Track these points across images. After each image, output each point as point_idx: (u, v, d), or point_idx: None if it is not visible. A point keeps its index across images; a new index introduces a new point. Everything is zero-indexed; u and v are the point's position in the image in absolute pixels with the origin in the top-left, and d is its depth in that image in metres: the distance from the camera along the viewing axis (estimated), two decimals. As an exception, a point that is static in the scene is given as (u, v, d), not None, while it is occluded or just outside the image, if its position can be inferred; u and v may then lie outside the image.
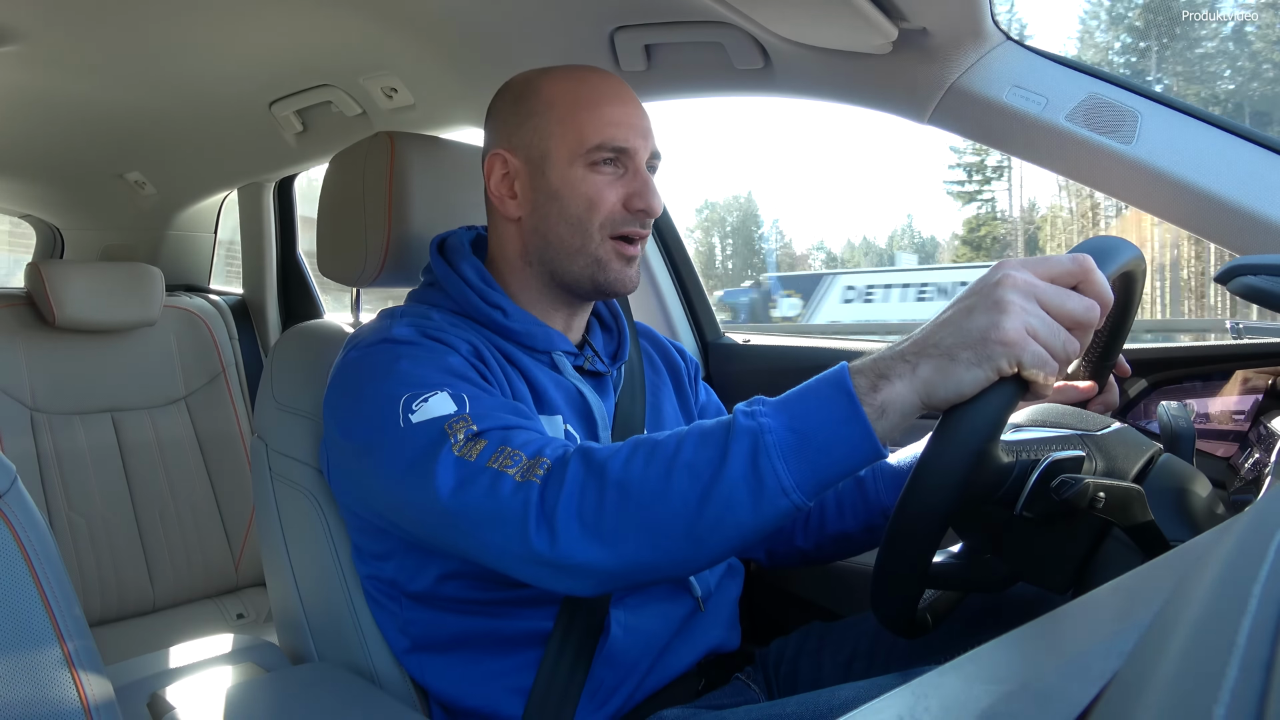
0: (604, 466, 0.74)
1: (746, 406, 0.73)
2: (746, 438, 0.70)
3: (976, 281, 0.69)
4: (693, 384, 1.24)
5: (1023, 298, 0.66)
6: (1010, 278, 0.67)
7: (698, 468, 0.71)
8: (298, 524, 1.11)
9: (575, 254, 0.99)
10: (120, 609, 2.03)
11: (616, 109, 0.98)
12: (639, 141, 0.99)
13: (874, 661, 1.07)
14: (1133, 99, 1.08)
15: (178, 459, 2.19)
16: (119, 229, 2.65)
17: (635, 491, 0.72)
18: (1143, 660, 0.27)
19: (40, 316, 2.07)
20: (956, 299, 0.70)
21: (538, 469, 0.76)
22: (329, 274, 1.23)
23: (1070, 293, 0.67)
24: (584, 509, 0.73)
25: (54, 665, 0.68)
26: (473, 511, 0.77)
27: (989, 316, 0.65)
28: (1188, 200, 1.03)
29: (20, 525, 0.70)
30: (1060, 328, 0.66)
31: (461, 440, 0.80)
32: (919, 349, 0.68)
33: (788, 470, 0.69)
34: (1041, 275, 0.67)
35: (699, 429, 0.74)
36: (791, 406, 0.71)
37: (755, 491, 0.69)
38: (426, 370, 0.88)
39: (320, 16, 1.47)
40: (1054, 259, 0.69)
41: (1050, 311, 0.66)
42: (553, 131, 0.99)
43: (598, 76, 1.02)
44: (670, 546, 0.72)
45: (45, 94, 1.87)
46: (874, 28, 1.07)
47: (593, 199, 0.98)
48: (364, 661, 1.04)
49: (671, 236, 1.90)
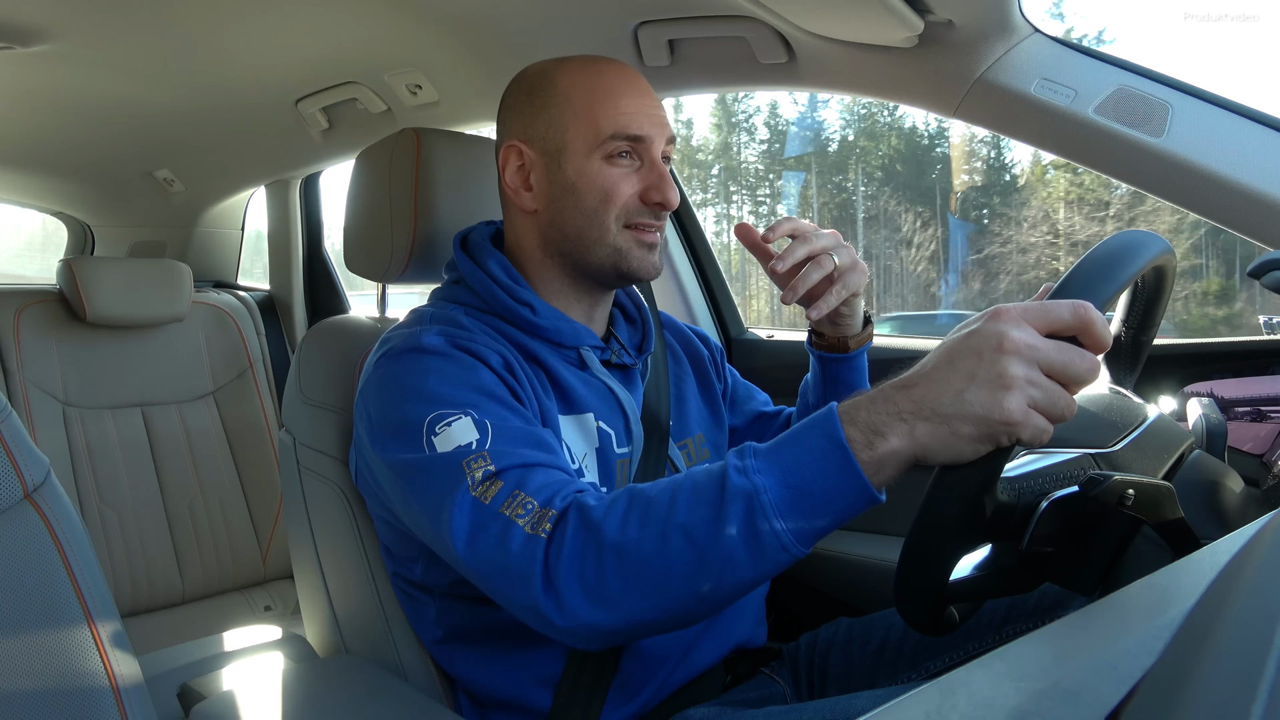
0: (600, 529, 0.73)
1: (738, 460, 0.71)
2: (741, 499, 0.69)
3: (974, 334, 0.65)
4: (718, 370, 1.24)
5: (1025, 367, 0.63)
6: (1011, 341, 0.63)
7: (694, 530, 0.70)
8: (325, 517, 1.12)
9: (594, 245, 0.99)
10: (150, 600, 2.06)
11: (632, 99, 0.98)
12: (654, 130, 0.99)
13: (903, 653, 1.07)
14: (1164, 90, 1.06)
15: (206, 453, 2.21)
16: (148, 226, 2.69)
17: (633, 556, 0.72)
18: (1177, 660, 0.27)
19: (72, 313, 2.10)
20: (953, 345, 0.67)
21: (545, 523, 0.76)
22: (356, 269, 1.24)
23: (1072, 351, 0.64)
24: (585, 574, 0.73)
25: (87, 655, 0.69)
26: (485, 564, 0.78)
27: (991, 394, 0.63)
28: (1219, 194, 1.01)
29: (54, 517, 0.71)
30: (1061, 391, 0.64)
31: (479, 479, 0.80)
32: (916, 408, 0.66)
33: (785, 527, 0.68)
34: (1042, 329, 0.64)
35: (691, 483, 0.73)
36: (784, 460, 0.70)
37: (754, 550, 0.69)
38: (454, 388, 0.88)
39: (346, 15, 1.47)
40: (1054, 309, 0.64)
41: (1053, 374, 0.64)
42: (568, 124, 0.98)
43: (613, 68, 1.01)
44: (672, 606, 0.73)
45: (76, 93, 1.89)
46: (900, 21, 1.06)
47: (608, 191, 0.98)
48: (390, 654, 1.05)
49: (694, 230, 1.90)
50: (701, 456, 1.12)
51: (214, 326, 2.32)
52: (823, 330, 1.12)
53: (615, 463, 1.01)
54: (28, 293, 2.11)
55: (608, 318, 1.10)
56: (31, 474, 0.71)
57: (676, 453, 1.07)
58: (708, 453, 1.14)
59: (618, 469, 1.01)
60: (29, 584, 0.68)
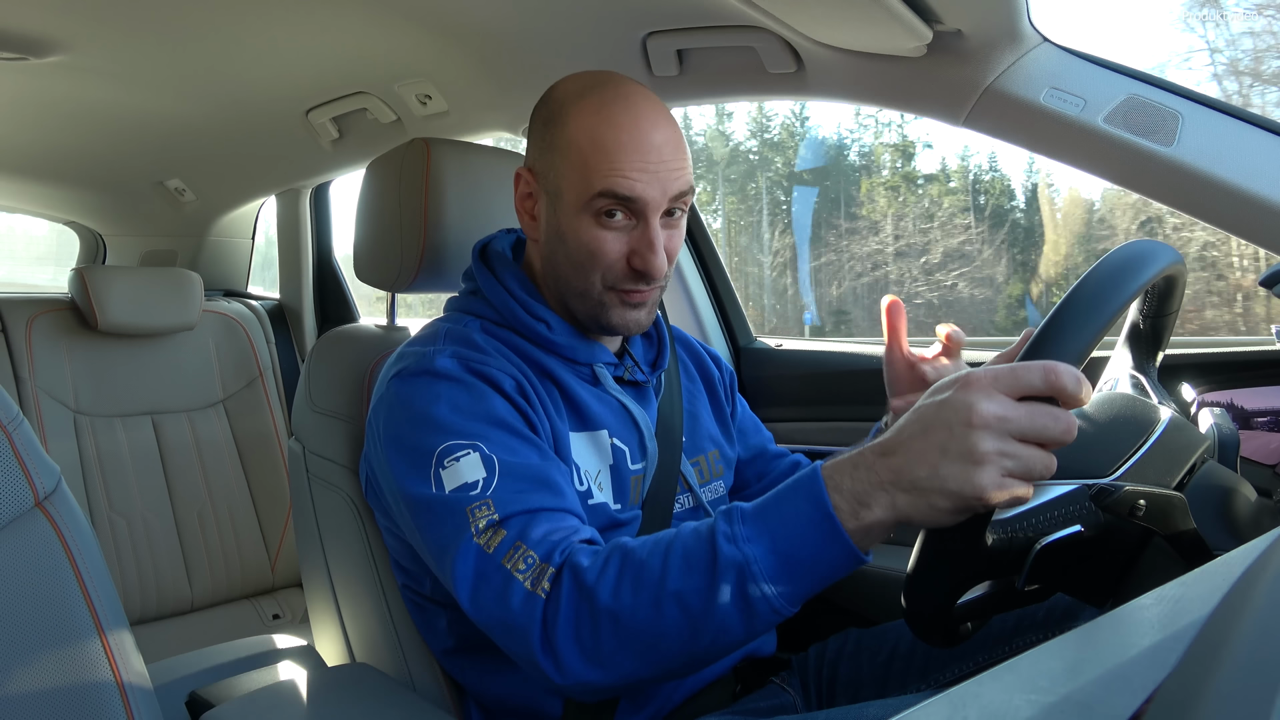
0: (594, 594, 0.75)
1: (726, 526, 0.73)
2: (733, 570, 0.71)
3: (946, 405, 0.65)
4: (728, 395, 1.23)
5: (996, 440, 0.63)
6: (980, 416, 0.63)
7: (686, 599, 0.72)
8: (334, 525, 1.12)
9: (579, 296, 0.98)
10: (159, 608, 2.06)
11: (632, 156, 0.91)
12: (654, 193, 0.92)
13: (912, 664, 1.06)
14: (1174, 99, 1.06)
15: (216, 461, 2.22)
16: (159, 235, 2.70)
17: (628, 622, 0.74)
18: (1191, 672, 0.26)
19: (83, 321, 2.12)
20: (926, 415, 0.67)
21: (544, 581, 0.77)
22: (365, 279, 1.24)
23: (1046, 415, 0.63)
24: (581, 636, 0.75)
25: (96, 662, 0.69)
26: (486, 616, 0.81)
27: (964, 470, 0.63)
28: (1230, 203, 1.01)
29: (65, 525, 0.71)
30: (1038, 454, 0.64)
31: (482, 527, 0.81)
32: (895, 479, 0.67)
33: (776, 593, 0.70)
34: (1014, 394, 0.64)
35: (683, 549, 0.74)
36: (772, 526, 0.71)
37: (746, 616, 0.71)
38: (464, 418, 0.88)
39: (356, 25, 1.48)
40: (1024, 375, 0.64)
41: (1028, 440, 0.64)
42: (566, 172, 0.94)
43: (626, 117, 0.93)
44: (667, 665, 0.75)
45: (89, 103, 1.91)
46: (908, 30, 1.06)
47: (593, 252, 0.94)
48: (399, 663, 1.05)
49: (703, 240, 1.90)
50: (715, 473, 1.12)
51: (224, 335, 2.33)
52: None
53: (630, 479, 1.00)
54: (39, 301, 2.12)
55: (622, 337, 1.09)
56: (43, 482, 0.71)
57: (689, 469, 1.07)
58: (721, 469, 1.13)
59: (632, 485, 1.00)
60: (39, 591, 0.68)
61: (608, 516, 0.97)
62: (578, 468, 0.96)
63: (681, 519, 1.03)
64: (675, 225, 0.97)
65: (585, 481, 0.97)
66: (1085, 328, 0.67)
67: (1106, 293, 0.69)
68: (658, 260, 0.93)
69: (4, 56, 1.57)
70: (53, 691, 0.66)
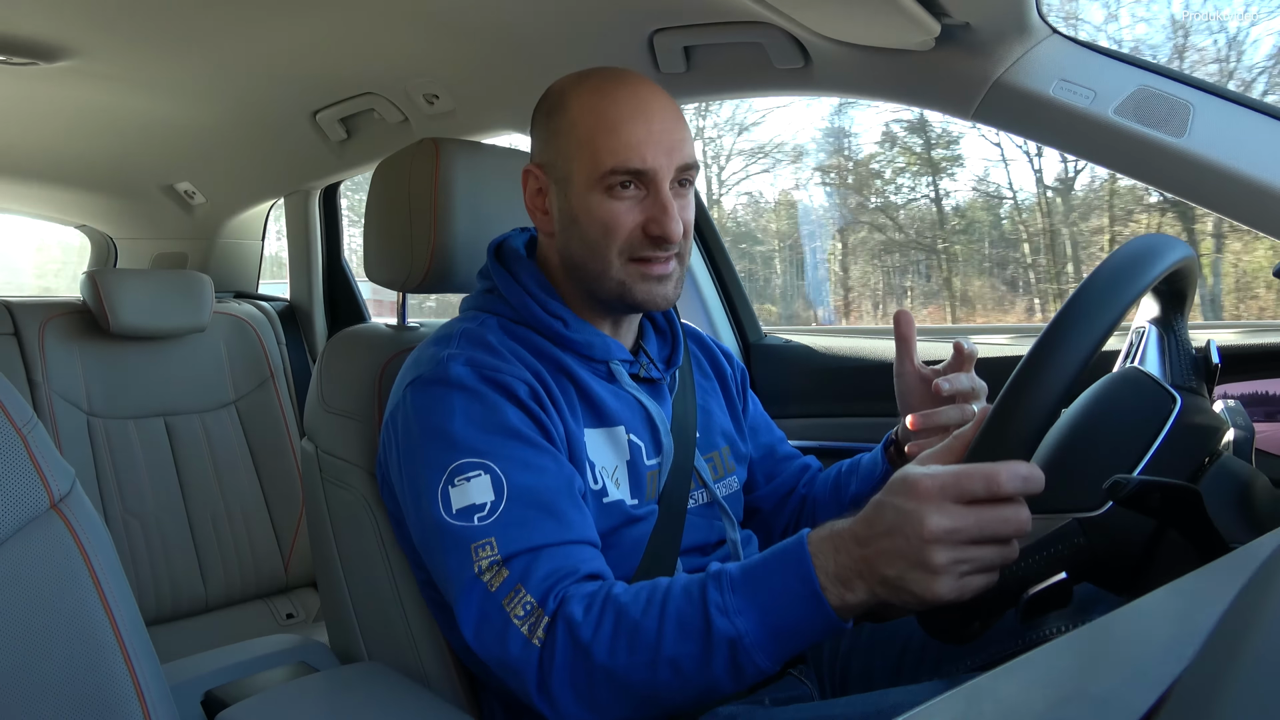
0: (589, 651, 0.78)
1: (718, 595, 0.76)
2: (726, 644, 0.75)
3: (899, 513, 0.70)
4: (740, 392, 1.24)
5: (950, 551, 0.67)
6: (930, 531, 0.67)
7: (681, 664, 0.77)
8: (348, 524, 1.12)
9: (599, 277, 0.98)
10: (174, 609, 2.07)
11: (638, 128, 0.94)
12: (661, 160, 0.94)
13: (924, 658, 1.06)
14: (1184, 90, 1.05)
15: (228, 462, 2.23)
16: (170, 238, 2.71)
17: (623, 679, 0.78)
18: (1208, 666, 0.26)
19: (96, 324, 2.13)
20: (885, 518, 0.71)
21: (539, 630, 0.81)
22: (376, 279, 1.25)
23: (995, 517, 0.67)
24: (577, 684, 0.79)
25: (112, 662, 0.70)
26: (487, 653, 0.84)
27: (922, 578, 0.68)
28: (1242, 193, 1.00)
29: (80, 527, 0.72)
30: (995, 551, 0.68)
31: (485, 566, 0.84)
32: (870, 571, 0.72)
33: (765, 658, 0.76)
34: (964, 501, 0.67)
35: (677, 613, 0.77)
36: (763, 601, 0.75)
37: (736, 677, 0.77)
38: (478, 433, 0.89)
39: (363, 26, 1.49)
40: (966, 485, 0.67)
41: (984, 540, 0.68)
42: (574, 154, 0.96)
43: (625, 91, 0.97)
44: (660, 713, 0.81)
45: (99, 107, 1.92)
46: (916, 24, 1.06)
47: (608, 225, 0.95)
48: (414, 661, 1.05)
49: (712, 236, 1.90)
50: (727, 469, 1.12)
51: (235, 336, 2.33)
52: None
53: (646, 474, 1.01)
54: (52, 305, 2.13)
55: (636, 331, 1.10)
56: (58, 484, 0.72)
57: (703, 465, 1.07)
58: (733, 465, 1.14)
59: (648, 480, 1.01)
60: (56, 593, 0.69)
61: (623, 514, 0.97)
62: (593, 465, 0.97)
63: (695, 514, 1.04)
64: (685, 197, 0.99)
65: (600, 480, 0.97)
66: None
67: (1166, 244, 0.71)
68: (673, 224, 0.95)
69: (15, 61, 1.58)
70: (70, 692, 0.67)
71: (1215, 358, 0.84)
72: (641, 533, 0.98)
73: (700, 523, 1.04)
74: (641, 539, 0.98)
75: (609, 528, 0.96)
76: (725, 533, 1.07)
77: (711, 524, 1.06)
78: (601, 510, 0.96)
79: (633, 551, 0.97)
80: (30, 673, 0.65)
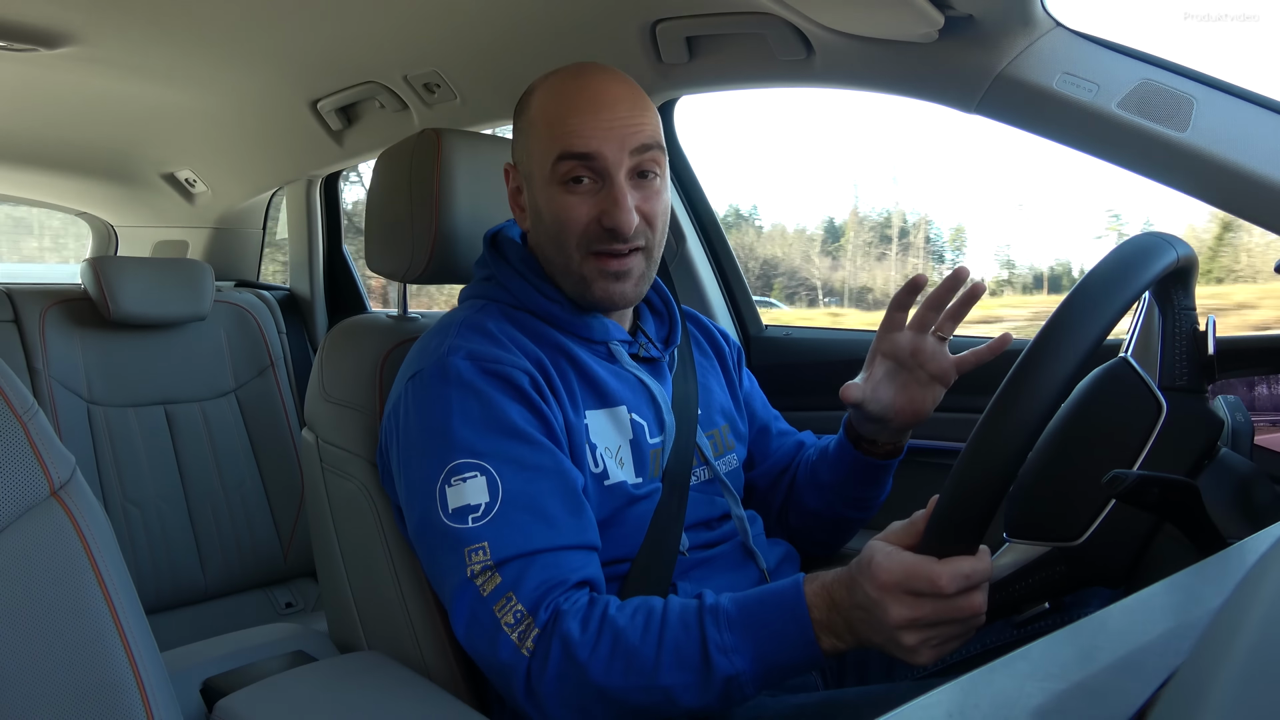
0: (585, 670, 0.81)
1: (716, 633, 0.80)
2: (722, 682, 0.79)
3: (867, 599, 0.75)
4: (736, 369, 1.25)
5: (915, 632, 0.73)
6: (894, 619, 0.73)
7: (675, 692, 0.80)
8: (347, 514, 1.13)
9: (563, 273, 1.00)
10: (174, 597, 2.08)
11: (585, 115, 0.93)
12: (607, 146, 0.92)
13: None
14: (1187, 84, 1.05)
15: (228, 450, 2.23)
16: (171, 225, 2.71)
17: (618, 700, 0.81)
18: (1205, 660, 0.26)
19: (96, 312, 2.13)
20: (857, 593, 0.76)
21: (528, 640, 0.83)
22: (377, 269, 1.25)
23: (950, 603, 0.71)
24: (567, 697, 0.82)
25: (112, 650, 0.70)
26: (478, 655, 0.88)
27: (898, 648, 0.75)
28: (1245, 188, 1.00)
29: (80, 514, 0.72)
30: (959, 625, 0.73)
31: (477, 570, 0.86)
32: (855, 634, 0.78)
33: (756, 689, 0.81)
34: (924, 591, 0.71)
35: (674, 644, 0.81)
36: (760, 642, 0.80)
37: (725, 704, 0.82)
38: (476, 433, 0.89)
39: (364, 15, 1.48)
40: (918, 581, 0.71)
41: (951, 620, 0.73)
42: (533, 149, 0.97)
43: (578, 83, 0.96)
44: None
45: (100, 95, 1.91)
46: (920, 16, 1.06)
47: (562, 218, 0.95)
48: (413, 650, 1.06)
49: (713, 228, 1.89)
50: (727, 446, 1.13)
51: (235, 325, 2.34)
52: (877, 437, 1.10)
53: (649, 453, 1.02)
54: (53, 292, 2.13)
55: (633, 313, 1.11)
56: (58, 471, 0.72)
57: (705, 441, 1.09)
58: (733, 443, 1.15)
59: (651, 458, 1.02)
60: (56, 580, 0.69)
61: (625, 495, 0.98)
62: (595, 447, 0.97)
63: (697, 490, 1.05)
64: (650, 187, 0.97)
65: (602, 462, 0.98)
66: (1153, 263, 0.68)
67: (1164, 243, 0.72)
68: (624, 215, 0.93)
69: (15, 48, 1.58)
70: (69, 679, 0.67)
71: (1211, 347, 0.83)
72: (645, 510, 0.99)
73: (702, 499, 1.05)
74: (645, 516, 0.99)
75: (611, 510, 0.97)
76: (728, 508, 1.08)
77: (713, 500, 1.07)
78: (603, 494, 0.96)
79: (637, 529, 0.98)
80: (30, 660, 0.66)
